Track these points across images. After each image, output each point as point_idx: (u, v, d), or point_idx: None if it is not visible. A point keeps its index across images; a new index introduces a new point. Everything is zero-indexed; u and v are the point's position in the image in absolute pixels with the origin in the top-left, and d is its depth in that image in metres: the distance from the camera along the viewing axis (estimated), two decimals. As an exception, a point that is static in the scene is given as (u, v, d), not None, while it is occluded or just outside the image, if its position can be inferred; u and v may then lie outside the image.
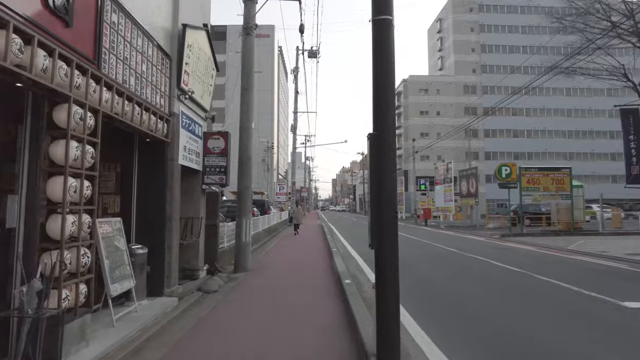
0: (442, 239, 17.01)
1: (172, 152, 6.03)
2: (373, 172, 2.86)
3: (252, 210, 19.35)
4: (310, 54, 30.08)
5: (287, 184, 32.85)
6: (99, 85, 3.97)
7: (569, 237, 17.36)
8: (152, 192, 5.93)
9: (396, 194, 2.88)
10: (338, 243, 14.94)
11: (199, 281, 7.08)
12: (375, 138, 2.80)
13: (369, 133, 2.83)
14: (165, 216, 5.89)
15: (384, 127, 2.79)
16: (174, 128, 6.09)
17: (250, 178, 9.03)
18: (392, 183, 2.82)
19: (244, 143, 8.96)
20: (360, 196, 77.21)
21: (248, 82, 9.01)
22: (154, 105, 5.47)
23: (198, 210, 7.39)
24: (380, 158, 2.78)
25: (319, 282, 7.28)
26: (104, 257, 4.42)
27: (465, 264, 9.84)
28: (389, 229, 2.84)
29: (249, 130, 8.97)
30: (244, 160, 8.94)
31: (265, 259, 10.57)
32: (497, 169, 19.93)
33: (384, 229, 2.86)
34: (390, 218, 2.81)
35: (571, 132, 55.42)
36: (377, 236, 2.92)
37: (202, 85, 7.24)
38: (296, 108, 30.13)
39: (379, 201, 2.79)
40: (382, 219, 2.84)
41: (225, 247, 9.73)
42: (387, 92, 2.92)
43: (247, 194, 8.89)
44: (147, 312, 5.06)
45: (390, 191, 2.79)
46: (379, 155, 2.77)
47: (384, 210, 2.79)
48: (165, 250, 5.88)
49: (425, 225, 29.48)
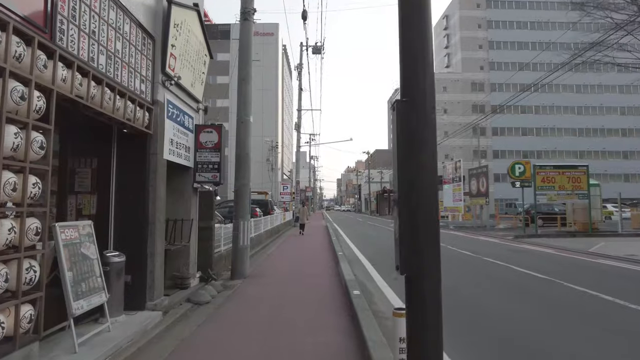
0: (454, 241, 16.16)
1: (155, 145, 5.30)
2: (402, 159, 1.90)
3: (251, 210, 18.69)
4: (315, 50, 29.33)
5: (292, 183, 32.10)
6: (52, 60, 3.24)
7: (587, 239, 16.44)
8: (133, 191, 5.21)
9: (437, 192, 1.98)
10: (344, 245, 14.17)
11: (190, 290, 6.35)
12: (404, 107, 1.84)
13: (396, 100, 1.92)
14: (148, 218, 5.17)
15: (417, 90, 1.83)
16: (158, 118, 5.35)
17: (249, 176, 8.29)
18: (431, 175, 1.86)
19: (242, 138, 8.22)
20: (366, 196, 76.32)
21: (246, 73, 8.28)
22: (132, 90, 4.74)
23: (189, 211, 6.66)
24: (412, 137, 1.83)
25: (324, 293, 6.51)
26: (65, 269, 3.69)
27: (486, 270, 9.01)
28: (428, 245, 1.90)
29: (247, 124, 8.23)
30: (242, 156, 8.21)
31: (265, 264, 9.82)
32: (511, 167, 19.04)
33: (419, 245, 1.92)
34: (430, 228, 1.87)
35: (582, 130, 54.13)
36: (408, 256, 1.98)
37: (192, 72, 6.51)
38: (300, 106, 29.37)
39: (409, 202, 1.88)
40: (417, 231, 1.91)
41: (223, 251, 9.00)
42: (421, 32, 1.91)
43: (244, 192, 8.15)
44: (122, 331, 4.33)
45: (429, 187, 1.84)
46: (410, 133, 1.84)
47: (418, 217, 1.87)
48: (148, 257, 5.15)
49: (434, 225, 28.60)
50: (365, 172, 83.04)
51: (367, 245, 14.84)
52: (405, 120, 1.83)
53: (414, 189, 1.89)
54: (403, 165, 1.90)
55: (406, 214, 1.93)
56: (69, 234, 3.88)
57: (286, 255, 11.73)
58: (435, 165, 1.87)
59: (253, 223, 12.91)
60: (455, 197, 28.74)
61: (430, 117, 1.82)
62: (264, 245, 14.01)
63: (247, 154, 8.24)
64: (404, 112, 1.83)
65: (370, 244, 15.52)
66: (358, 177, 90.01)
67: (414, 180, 1.89)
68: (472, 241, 16.18)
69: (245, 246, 8.02)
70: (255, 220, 13.51)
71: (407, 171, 1.90)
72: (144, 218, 5.16)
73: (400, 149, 1.90)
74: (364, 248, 13.44)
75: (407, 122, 1.82)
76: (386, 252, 12.57)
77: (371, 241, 16.74)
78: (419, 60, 1.86)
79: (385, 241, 16.65)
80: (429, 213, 1.88)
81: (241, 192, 8.16)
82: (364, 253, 11.90)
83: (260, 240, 14.08)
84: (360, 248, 13.41)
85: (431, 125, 1.83)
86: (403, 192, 1.92)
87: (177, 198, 6.61)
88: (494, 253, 11.90)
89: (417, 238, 1.87)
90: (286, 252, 12.35)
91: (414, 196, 1.90)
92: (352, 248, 13.53)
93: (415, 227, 1.87)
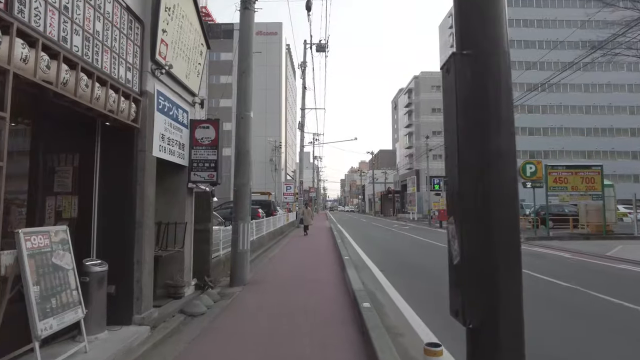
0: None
1: (143, 141, 4.77)
2: (463, 143, 1.33)
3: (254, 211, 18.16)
4: (319, 47, 28.81)
5: (295, 183, 31.56)
6: (7, 35, 2.71)
7: (602, 242, 15.78)
8: (118, 192, 4.69)
9: (517, 193, 1.36)
10: (349, 248, 13.61)
11: (184, 300, 5.82)
12: (465, 61, 1.29)
13: (453, 53, 1.32)
14: (135, 222, 4.64)
15: (484, 40, 1.27)
16: (147, 111, 4.83)
17: (249, 175, 7.76)
18: (510, 166, 1.27)
19: (242, 135, 7.69)
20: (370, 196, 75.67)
21: (246, 65, 7.74)
22: (115, 78, 4.21)
23: (183, 213, 6.13)
24: (481, 108, 1.25)
25: (329, 303, 5.95)
26: (29, 283, 3.16)
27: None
28: (508, 277, 1.28)
29: (247, 120, 7.70)
30: (242, 154, 7.67)
31: (267, 268, 9.28)
32: (522, 167, 18.39)
33: (494, 278, 1.27)
34: (511, 250, 1.24)
35: (590, 130, 53.21)
36: (477, 296, 1.29)
37: (187, 62, 5.98)
38: (304, 104, 28.84)
39: (476, 208, 1.26)
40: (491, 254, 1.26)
41: (222, 256, 8.47)
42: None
43: (244, 192, 7.61)
44: (102, 350, 3.80)
45: (507, 186, 1.25)
46: (478, 104, 1.27)
47: (493, 233, 1.23)
48: (135, 264, 4.62)
49: (441, 227, 27.96)
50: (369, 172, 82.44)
51: (374, 247, 14.28)
52: (466, 76, 1.22)
53: (483, 187, 1.28)
54: (465, 150, 1.31)
55: (473, 228, 1.29)
56: (36, 241, 3.35)
57: (289, 258, 11.18)
58: (515, 151, 1.28)
59: (255, 225, 12.40)
60: (462, 197, 28.17)
61: (504, 75, 1.21)
62: (266, 247, 13.48)
63: (248, 152, 7.70)
64: (466, 71, 1.23)
65: (376, 246, 14.95)
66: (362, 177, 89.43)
67: (485, 174, 1.27)
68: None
69: (245, 250, 7.49)
70: (257, 222, 13.00)
71: (473, 159, 1.30)
72: (131, 222, 4.64)
73: (461, 124, 1.32)
74: (371, 251, 12.88)
75: (472, 86, 1.22)
76: (394, 256, 12.00)
77: (377, 243, 16.17)
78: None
79: (391, 243, 16.07)
80: (509, 226, 1.26)
81: (241, 192, 7.63)
82: (370, 257, 11.34)
83: (262, 242, 13.56)
84: (367, 251, 12.84)
85: (506, 91, 1.23)
86: (465, 191, 1.30)
87: (170, 199, 6.09)
88: None
89: (491, 266, 1.23)
90: (289, 256, 11.80)
91: (485, 198, 1.27)
92: (358, 251, 12.97)
93: (489, 247, 1.23)
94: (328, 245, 14.45)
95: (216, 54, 62.94)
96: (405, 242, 16.91)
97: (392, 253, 12.92)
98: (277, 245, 15.05)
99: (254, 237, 12.09)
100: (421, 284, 7.67)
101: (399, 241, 17.27)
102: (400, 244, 16.15)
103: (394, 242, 16.77)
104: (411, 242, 16.83)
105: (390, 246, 15.25)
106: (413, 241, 17.06)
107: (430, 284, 7.57)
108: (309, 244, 15.50)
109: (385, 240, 17.68)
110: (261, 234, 13.70)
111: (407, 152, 60.70)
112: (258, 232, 13.16)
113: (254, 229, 12.17)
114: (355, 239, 17.80)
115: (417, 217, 42.17)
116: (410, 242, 16.59)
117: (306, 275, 8.27)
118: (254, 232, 12.20)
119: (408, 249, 14.04)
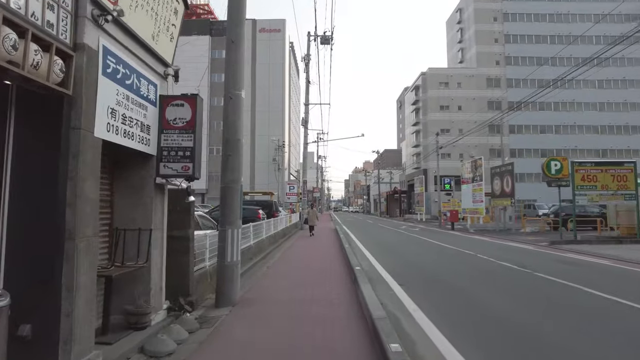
0: (483, 247, 14.05)
1: (78, 114, 3.34)
2: None
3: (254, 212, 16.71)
4: (323, 40, 27.37)
5: (298, 183, 30.13)
6: None
7: (638, 246, 14.22)
8: (41, 187, 3.27)
9: None
10: (358, 254, 12.14)
11: (149, 332, 4.39)
12: None
13: None
14: (63, 231, 3.22)
15: None
16: (85, 73, 3.40)
17: (240, 170, 6.31)
18: None
19: (232, 120, 6.24)
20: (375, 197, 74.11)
21: (236, 34, 6.30)
22: (22, 15, 2.79)
23: (150, 217, 4.70)
24: None
25: (342, 336, 4.49)
26: None
27: (546, 293, 6.92)
28: None
29: (238, 100, 6.25)
30: (232, 143, 6.23)
31: (263, 282, 7.84)
32: (545, 164, 16.83)
33: None
34: None
35: (604, 127, 51.32)
36: None
37: (153, 19, 4.55)
38: (307, 99, 27.38)
39: None
40: None
41: (208, 267, 7.03)
42: None
43: (233, 191, 6.17)
44: None
45: None
46: None
47: None
48: (62, 293, 3.20)
49: (452, 229, 26.42)
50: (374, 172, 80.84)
51: (386, 254, 12.80)
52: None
53: None
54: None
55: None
56: None
57: (290, 268, 9.73)
58: None
59: (252, 229, 10.97)
60: (475, 197, 26.54)
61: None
62: (266, 253, 12.04)
63: (238, 141, 6.26)
64: None
65: (389, 252, 13.46)
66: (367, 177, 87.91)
67: None
68: (504, 248, 14.03)
69: (234, 263, 6.05)
70: (255, 225, 11.56)
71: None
72: (58, 231, 3.21)
73: None
74: (384, 258, 11.40)
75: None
76: (410, 263, 10.49)
77: (390, 248, 14.66)
78: None
79: (404, 247, 14.53)
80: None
81: (229, 190, 6.19)
82: (385, 266, 9.85)
83: (261, 247, 12.12)
84: (379, 258, 11.35)
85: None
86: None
87: (132, 198, 4.66)
88: (542, 266, 9.78)
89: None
90: (290, 264, 10.35)
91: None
92: (369, 257, 11.48)
93: None
94: (334, 251, 12.99)
95: (218, 52, 61.87)
96: (419, 246, 15.41)
97: (407, 260, 11.44)
98: (278, 249, 13.62)
99: (251, 243, 10.67)
100: (450, 301, 6.19)
101: (412, 245, 15.77)
102: (414, 248, 14.66)
103: (407, 247, 15.27)
104: (425, 246, 15.32)
105: (403, 250, 13.76)
106: (427, 245, 15.55)
107: (457, 296, 6.10)
108: (313, 249, 14.05)
109: (397, 244, 16.19)
110: (260, 238, 12.26)
111: (414, 150, 59.05)
112: (256, 235, 11.74)
113: (250, 233, 10.75)
114: (363, 242, 16.31)
115: (425, 218, 40.57)
116: (425, 247, 15.09)
117: (310, 292, 6.82)
118: (251, 237, 10.78)
119: (424, 255, 12.54)
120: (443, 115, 51.53)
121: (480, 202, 25.92)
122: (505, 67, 52.51)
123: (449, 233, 23.25)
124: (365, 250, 13.47)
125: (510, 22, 53.09)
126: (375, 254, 12.35)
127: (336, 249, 13.62)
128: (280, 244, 15.64)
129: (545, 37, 51.99)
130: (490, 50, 52.72)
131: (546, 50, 49.47)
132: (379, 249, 14.05)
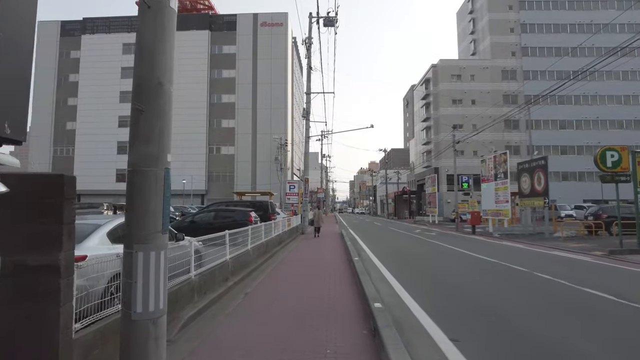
0: (528, 260, 10.98)
1: None
2: None
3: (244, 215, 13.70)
4: (327, 21, 24.41)
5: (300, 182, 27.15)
6: None
7: None
8: None
9: None
10: (373, 272, 9.12)
11: None
12: None
13: None
14: None
15: None
16: None
17: (164, 141, 3.32)
18: None
19: (149, 40, 3.26)
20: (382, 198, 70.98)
21: None
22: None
23: None
24: None
25: None
26: None
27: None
28: None
29: (165, 10, 3.26)
30: (149, 89, 3.25)
31: (225, 331, 4.83)
32: (599, 155, 13.71)
33: None
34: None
35: (629, 122, 47.84)
36: None
37: None
38: (309, 88, 24.43)
39: None
40: None
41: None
42: None
43: (148, 180, 3.18)
44: None
45: None
46: None
47: None
48: None
49: (473, 232, 23.31)
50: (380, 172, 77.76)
51: (410, 271, 9.76)
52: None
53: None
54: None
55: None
56: None
57: (277, 301, 6.72)
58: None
59: (228, 238, 7.95)
60: (498, 197, 23.40)
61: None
62: (250, 270, 9.04)
63: (160, 84, 3.27)
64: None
65: (413, 268, 10.42)
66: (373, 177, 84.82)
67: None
68: (558, 261, 10.94)
69: (152, 315, 3.04)
70: (233, 234, 8.56)
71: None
72: None
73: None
74: (409, 280, 8.36)
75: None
76: (454, 292, 7.18)
77: (412, 262, 11.59)
78: None
79: (432, 260, 11.40)
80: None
81: (141, 177, 3.19)
82: (416, 296, 6.76)
83: (244, 263, 9.12)
84: (403, 279, 8.29)
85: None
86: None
87: None
88: (614, 287, 6.72)
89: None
90: (277, 292, 7.35)
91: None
92: (389, 280, 8.37)
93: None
94: (341, 266, 9.97)
95: (218, 47, 59.22)
96: (448, 258, 12.34)
97: (443, 282, 8.41)
98: (267, 263, 10.64)
99: (226, 258, 7.69)
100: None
101: (438, 256, 12.71)
102: (443, 261, 11.60)
103: (433, 259, 12.22)
104: (456, 258, 12.24)
105: (430, 266, 10.71)
106: (457, 257, 12.47)
107: (522, 342, 3.12)
108: (313, 262, 11.03)
109: (418, 255, 13.11)
110: (244, 250, 9.27)
111: (424, 148, 55.85)
112: (239, 246, 8.79)
113: (226, 244, 7.76)
114: (376, 252, 13.23)
115: (437, 221, 37.36)
116: (456, 259, 12.01)
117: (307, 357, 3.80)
118: (227, 250, 7.80)
119: (464, 275, 9.47)
120: (456, 110, 48.31)
121: (505, 202, 22.81)
122: (522, 59, 49.23)
123: (473, 238, 20.15)
124: (380, 265, 10.43)
125: (527, 11, 49.80)
126: (395, 271, 9.29)
127: (343, 262, 10.60)
128: (274, 253, 12.66)
129: (564, 25, 48.65)
130: (505, 40, 49.46)
131: (566, 39, 46.22)
132: (397, 263, 10.99)
